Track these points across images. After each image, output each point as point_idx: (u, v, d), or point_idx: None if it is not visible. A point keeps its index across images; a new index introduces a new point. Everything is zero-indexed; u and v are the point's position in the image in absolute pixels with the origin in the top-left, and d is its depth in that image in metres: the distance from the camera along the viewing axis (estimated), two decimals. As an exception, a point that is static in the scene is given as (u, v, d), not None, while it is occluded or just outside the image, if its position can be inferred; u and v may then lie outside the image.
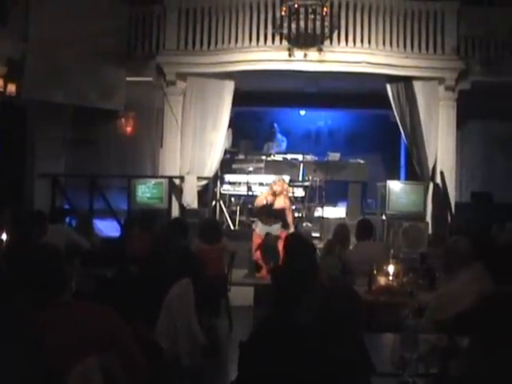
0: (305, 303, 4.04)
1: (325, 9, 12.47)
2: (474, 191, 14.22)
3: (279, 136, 17.01)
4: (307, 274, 4.56)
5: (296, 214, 14.02)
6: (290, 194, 13.65)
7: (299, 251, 6.71)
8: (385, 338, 4.87)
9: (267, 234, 11.80)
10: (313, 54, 12.90)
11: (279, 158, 15.55)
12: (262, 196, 12.54)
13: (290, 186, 13.39)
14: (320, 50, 12.85)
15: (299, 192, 14.54)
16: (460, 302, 5.07)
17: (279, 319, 4.06)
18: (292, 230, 12.18)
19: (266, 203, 12.14)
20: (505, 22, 13.45)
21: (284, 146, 16.91)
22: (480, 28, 13.55)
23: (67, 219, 12.30)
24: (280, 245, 10.71)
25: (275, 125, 17.13)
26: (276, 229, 12.00)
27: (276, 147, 16.63)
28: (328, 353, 3.62)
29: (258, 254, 11.88)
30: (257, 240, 11.96)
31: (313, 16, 12.38)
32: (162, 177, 13.87)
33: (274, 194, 12.18)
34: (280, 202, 12.19)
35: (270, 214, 12.07)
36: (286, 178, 13.97)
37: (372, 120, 17.43)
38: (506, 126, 14.61)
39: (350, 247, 8.95)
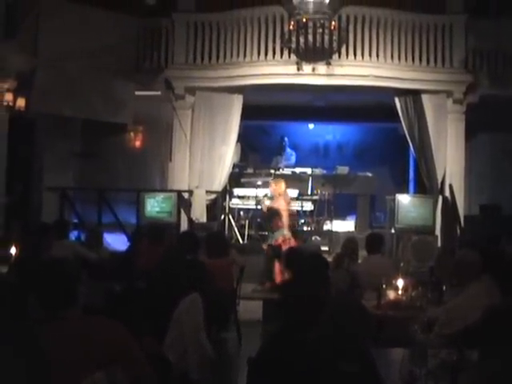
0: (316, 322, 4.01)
1: (333, 23, 12.46)
2: (482, 204, 14.16)
3: (288, 150, 16.97)
4: (321, 293, 4.54)
5: (305, 228, 13.99)
6: (299, 208, 13.70)
7: (311, 268, 6.65)
8: (394, 352, 4.85)
9: (268, 247, 11.67)
10: (321, 67, 12.91)
11: (288, 171, 15.49)
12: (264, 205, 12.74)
13: (298, 199, 13.34)
14: (328, 64, 12.86)
15: (308, 206, 14.47)
16: (469, 315, 5.05)
17: (287, 335, 4.05)
18: (286, 233, 12.01)
19: (267, 208, 12.19)
20: (513, 35, 13.46)
21: (293, 159, 16.82)
22: (488, 41, 13.54)
23: (76, 233, 12.32)
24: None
25: (285, 138, 17.06)
26: (279, 235, 11.91)
27: (285, 161, 16.56)
28: (336, 368, 3.60)
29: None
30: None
31: (321, 30, 12.37)
32: (171, 191, 13.85)
33: (270, 197, 12.24)
34: (275, 203, 12.21)
35: (278, 216, 12.01)
36: (295, 191, 13.96)
37: (380, 133, 17.43)
38: (514, 139, 14.61)
39: (359, 261, 8.92)
